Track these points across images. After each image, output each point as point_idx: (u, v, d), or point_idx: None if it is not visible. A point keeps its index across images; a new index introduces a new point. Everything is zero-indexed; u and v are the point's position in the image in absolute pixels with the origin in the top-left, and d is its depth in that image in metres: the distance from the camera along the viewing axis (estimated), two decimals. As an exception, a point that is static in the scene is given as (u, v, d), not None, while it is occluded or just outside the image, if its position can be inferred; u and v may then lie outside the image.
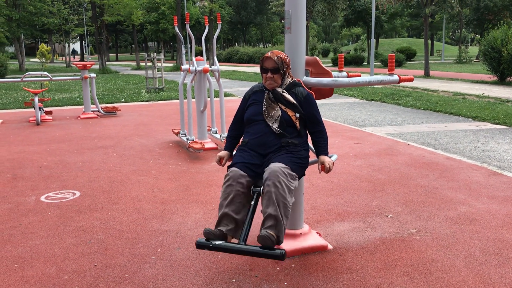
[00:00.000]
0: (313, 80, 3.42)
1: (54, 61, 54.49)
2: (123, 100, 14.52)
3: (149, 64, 16.69)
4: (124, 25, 35.75)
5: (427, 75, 22.46)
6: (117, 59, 65.92)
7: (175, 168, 6.11)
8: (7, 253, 3.63)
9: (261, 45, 77.43)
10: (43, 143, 7.87)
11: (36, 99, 9.76)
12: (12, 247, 3.73)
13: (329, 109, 11.94)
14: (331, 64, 36.45)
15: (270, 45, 76.54)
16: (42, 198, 4.94)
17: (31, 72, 10.85)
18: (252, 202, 2.98)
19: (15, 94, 16.78)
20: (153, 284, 3.12)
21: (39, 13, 30.52)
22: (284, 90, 3.17)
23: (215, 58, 6.91)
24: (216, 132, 7.48)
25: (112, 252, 3.61)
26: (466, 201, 4.66)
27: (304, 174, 3.19)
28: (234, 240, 2.99)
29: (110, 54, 67.81)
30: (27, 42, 77.27)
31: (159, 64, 16.57)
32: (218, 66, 6.82)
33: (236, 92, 16.61)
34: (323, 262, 3.39)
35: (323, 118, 10.48)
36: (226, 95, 14.65)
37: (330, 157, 3.25)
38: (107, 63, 33.64)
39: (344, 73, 3.98)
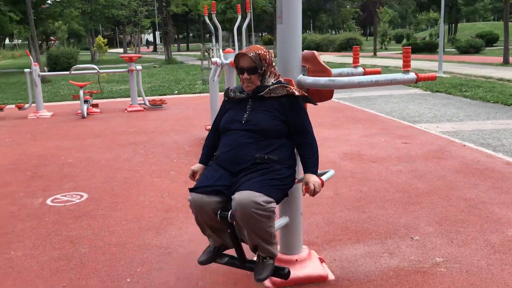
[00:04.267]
0: (309, 80, 2.84)
1: (128, 52, 56.38)
2: (176, 92, 14.44)
3: (206, 54, 16.51)
4: (192, 15, 36.04)
5: (506, 62, 20.50)
6: (187, 49, 67.12)
7: (196, 169, 5.72)
8: (-17, 265, 3.41)
9: (333, 32, 75.35)
10: (79, 138, 7.81)
11: (81, 92, 9.80)
12: (-8, 258, 3.51)
13: (385, 102, 11.05)
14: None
15: (342, 31, 74.36)
16: (48, 201, 4.74)
17: (79, 65, 10.96)
18: (228, 231, 2.52)
19: (75, 87, 17.25)
20: (113, 315, 2.73)
21: (110, 5, 31.59)
22: (266, 93, 2.64)
23: (237, 49, 6.42)
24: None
25: (87, 271, 3.27)
26: (517, 221, 3.86)
27: (286, 195, 2.65)
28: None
29: (181, 44, 69.23)
30: (106, 33, 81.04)
31: (213, 54, 16.33)
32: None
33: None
34: (317, 298, 2.84)
35: (374, 111, 9.69)
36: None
37: (321, 175, 2.68)
38: (177, 53, 34.13)
39: (360, 69, 3.37)
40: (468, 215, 4.00)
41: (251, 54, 2.58)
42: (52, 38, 65.86)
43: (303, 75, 2.94)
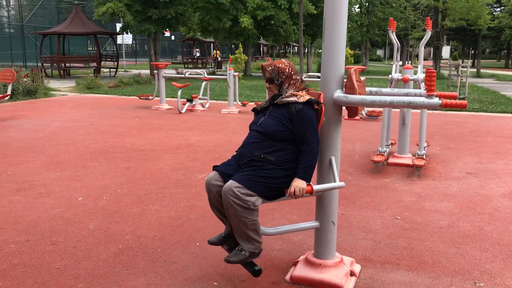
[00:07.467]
0: (335, 94, 3.02)
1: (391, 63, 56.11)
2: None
3: (453, 70, 15.70)
4: (472, 29, 33.39)
5: None
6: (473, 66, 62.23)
7: (342, 177, 6.00)
8: (123, 208, 4.66)
9: None
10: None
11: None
12: (134, 205, 4.75)
13: None
14: None
15: None
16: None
17: (311, 73, 12.09)
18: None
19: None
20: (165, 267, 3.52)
21: (387, 18, 32.26)
22: (279, 101, 2.99)
23: (420, 66, 6.24)
24: (425, 148, 6.76)
25: (175, 239, 4.14)
26: None
27: (282, 194, 2.92)
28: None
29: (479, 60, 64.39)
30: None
31: (464, 69, 15.36)
32: (420, 76, 6.16)
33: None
34: (316, 300, 3.01)
35: None
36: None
37: (321, 184, 2.84)
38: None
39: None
40: None
41: (269, 68, 2.99)
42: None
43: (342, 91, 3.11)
